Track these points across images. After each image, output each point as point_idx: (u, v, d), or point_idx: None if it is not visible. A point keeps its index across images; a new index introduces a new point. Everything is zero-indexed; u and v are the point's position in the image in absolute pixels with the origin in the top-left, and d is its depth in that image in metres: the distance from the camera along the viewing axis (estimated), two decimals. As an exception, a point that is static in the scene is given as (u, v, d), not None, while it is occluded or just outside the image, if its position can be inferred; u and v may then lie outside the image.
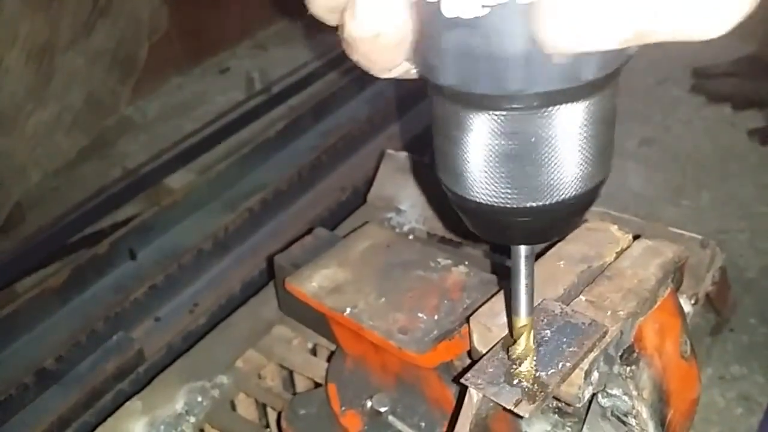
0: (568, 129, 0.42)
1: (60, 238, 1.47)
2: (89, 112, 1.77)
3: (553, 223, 0.47)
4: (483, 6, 0.35)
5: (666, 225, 0.99)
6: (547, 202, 0.44)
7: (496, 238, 0.51)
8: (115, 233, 1.38)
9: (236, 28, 2.17)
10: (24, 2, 1.59)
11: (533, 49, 0.37)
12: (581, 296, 0.68)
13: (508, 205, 0.44)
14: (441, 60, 0.39)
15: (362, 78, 1.91)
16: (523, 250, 0.52)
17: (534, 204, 0.44)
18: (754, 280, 1.33)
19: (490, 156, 0.43)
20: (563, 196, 0.44)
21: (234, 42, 2.17)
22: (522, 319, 0.55)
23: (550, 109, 0.40)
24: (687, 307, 0.89)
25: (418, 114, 1.74)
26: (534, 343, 0.58)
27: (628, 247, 0.76)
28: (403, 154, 1.16)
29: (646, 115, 1.86)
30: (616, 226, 0.78)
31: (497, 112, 0.41)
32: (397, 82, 0.52)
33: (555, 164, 0.43)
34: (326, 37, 2.16)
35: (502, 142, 0.42)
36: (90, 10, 1.71)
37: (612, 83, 0.42)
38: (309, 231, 1.04)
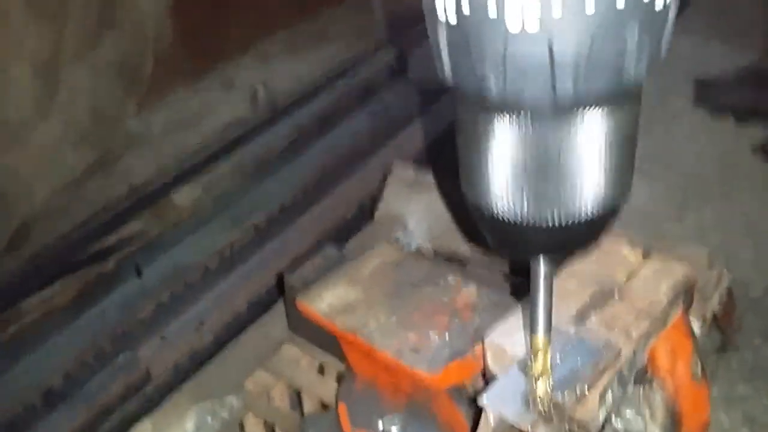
0: (590, 147, 0.43)
1: (66, 255, 1.46)
2: (95, 126, 1.77)
3: (574, 240, 0.48)
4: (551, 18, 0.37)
5: (672, 242, 0.99)
6: (569, 221, 0.45)
7: (516, 254, 0.52)
8: (121, 250, 1.38)
9: (240, 40, 2.17)
10: (30, 15, 1.59)
11: (578, 58, 0.38)
12: (594, 316, 0.69)
13: (529, 222, 0.45)
14: (490, 70, 0.40)
15: (366, 91, 1.92)
16: (542, 270, 0.53)
17: (556, 222, 0.45)
18: (758, 299, 1.33)
19: (512, 171, 0.44)
20: (585, 214, 0.45)
21: (238, 54, 2.17)
22: (540, 337, 0.56)
23: (576, 123, 0.42)
24: (695, 327, 0.89)
25: (422, 128, 1.75)
26: (550, 364, 0.58)
27: (639, 267, 0.76)
28: (410, 170, 1.16)
29: (648, 129, 1.85)
30: (626, 246, 0.78)
31: (523, 120, 0.42)
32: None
33: (577, 183, 0.44)
34: (330, 49, 2.18)
35: (526, 154, 0.43)
36: (95, 23, 1.72)
37: (634, 102, 0.44)
38: (316, 248, 1.04)
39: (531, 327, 0.57)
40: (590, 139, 0.43)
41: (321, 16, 2.36)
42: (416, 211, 1.13)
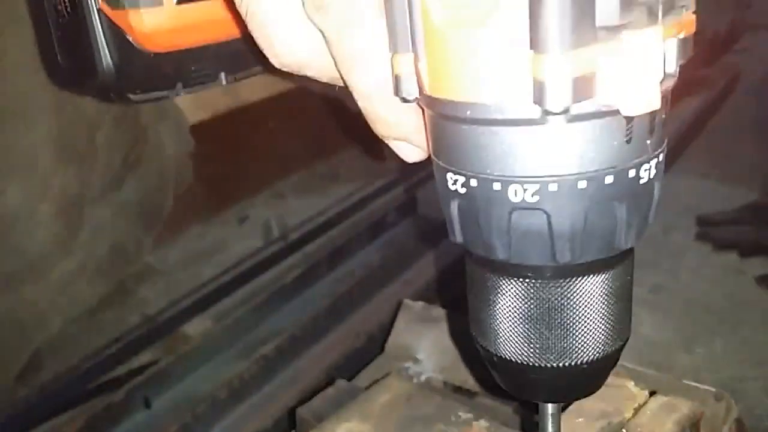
0: (589, 299, 0.46)
1: (76, 386, 1.47)
2: (112, 261, 1.82)
3: (578, 383, 0.51)
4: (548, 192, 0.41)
5: (680, 375, 1.00)
6: (572, 364, 0.48)
7: (524, 394, 0.54)
8: (130, 381, 1.39)
9: (256, 180, 2.26)
10: (57, 158, 1.68)
11: (574, 229, 0.42)
12: (603, 453, 0.69)
13: (535, 365, 0.48)
14: (496, 238, 0.44)
15: (377, 226, 1.98)
16: (549, 408, 0.55)
17: (560, 365, 0.48)
18: (772, 431, 1.32)
19: (518, 319, 0.47)
20: (587, 358, 0.48)
21: (254, 192, 2.25)
22: (549, 477, 0.56)
23: (570, 280, 0.45)
24: (707, 462, 0.89)
25: (431, 262, 1.79)
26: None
27: (645, 402, 0.77)
28: (420, 304, 1.19)
29: (654, 263, 1.90)
30: (632, 382, 0.80)
31: (524, 280, 0.46)
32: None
33: (578, 329, 0.47)
34: (340, 188, 2.26)
35: (529, 307, 0.46)
36: (120, 165, 1.80)
37: (628, 259, 0.48)
38: (325, 380, 1.05)
39: (541, 467, 0.58)
40: (589, 293, 0.46)
41: (334, 158, 2.47)
42: (426, 343, 1.15)
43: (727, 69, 2.89)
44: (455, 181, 0.44)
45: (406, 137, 0.49)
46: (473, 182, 0.43)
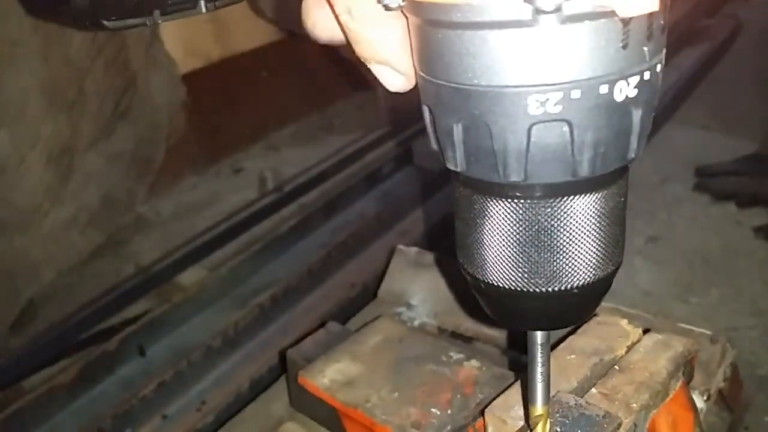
0: (580, 220, 0.44)
1: (70, 335, 1.47)
2: (105, 210, 1.81)
3: (568, 309, 0.49)
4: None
5: (675, 321, 1.00)
6: (562, 288, 0.46)
7: (513, 322, 0.52)
8: (125, 330, 1.39)
9: (250, 130, 2.24)
10: (47, 105, 1.65)
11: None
12: (594, 389, 0.69)
13: (523, 290, 0.46)
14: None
15: (372, 177, 1.97)
16: (539, 337, 0.53)
17: (549, 289, 0.46)
18: (766, 378, 1.32)
19: (506, 242, 0.45)
20: (577, 282, 0.46)
21: (248, 143, 2.24)
22: (538, 407, 0.56)
23: (561, 199, 0.43)
24: (699, 403, 0.89)
25: (426, 212, 1.78)
26: (549, 434, 0.58)
27: (639, 340, 0.77)
28: (414, 250, 1.18)
29: (651, 213, 1.89)
30: (626, 320, 0.79)
31: (512, 200, 0.43)
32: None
33: (568, 252, 0.45)
34: (336, 139, 2.24)
35: (518, 229, 0.44)
36: (111, 113, 1.78)
37: (621, 178, 0.45)
38: (320, 326, 1.05)
39: (529, 397, 0.57)
40: (579, 214, 0.44)
41: (329, 110, 2.44)
42: (420, 288, 1.14)
43: (728, 20, 2.85)
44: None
45: (388, 60, 0.47)
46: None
